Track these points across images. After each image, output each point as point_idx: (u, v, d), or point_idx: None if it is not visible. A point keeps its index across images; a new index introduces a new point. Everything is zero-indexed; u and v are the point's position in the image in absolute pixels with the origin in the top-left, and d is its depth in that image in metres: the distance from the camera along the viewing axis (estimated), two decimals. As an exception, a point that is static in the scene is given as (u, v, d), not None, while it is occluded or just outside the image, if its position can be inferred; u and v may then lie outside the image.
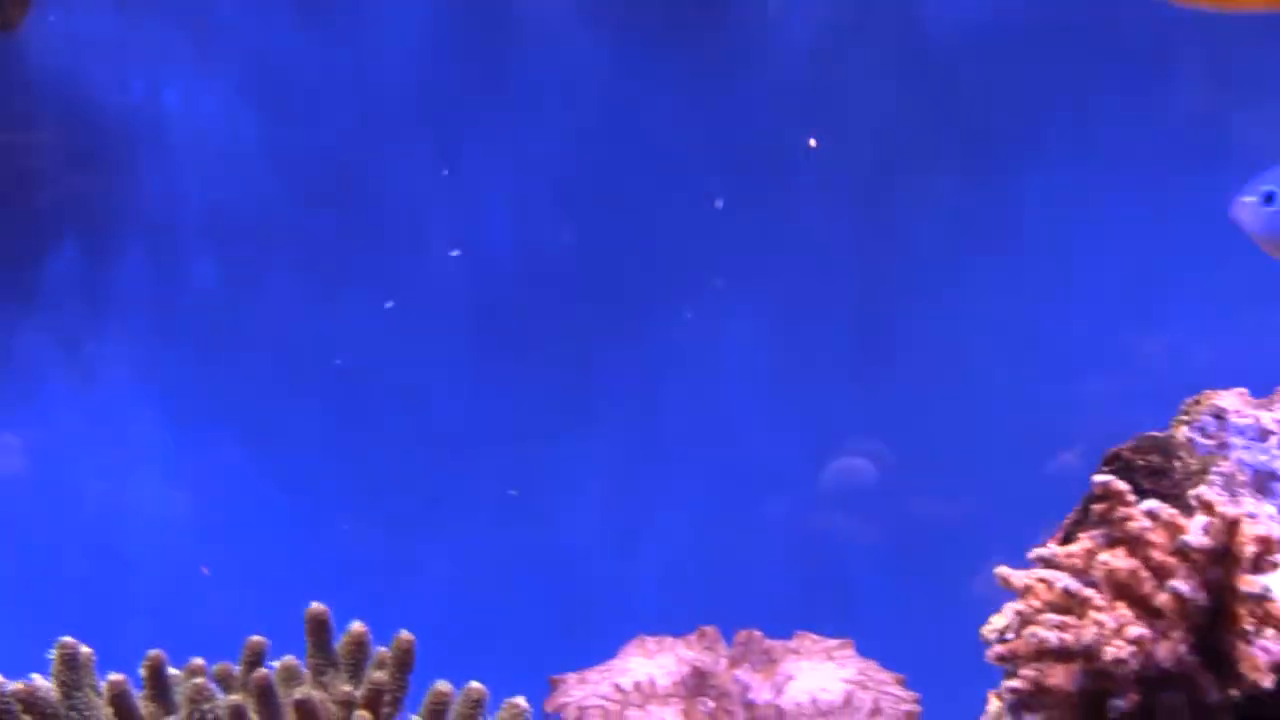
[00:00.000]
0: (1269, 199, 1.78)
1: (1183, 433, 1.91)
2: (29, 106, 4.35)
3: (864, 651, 2.05)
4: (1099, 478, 1.63)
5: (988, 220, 4.05)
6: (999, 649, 1.62)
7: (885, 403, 4.23)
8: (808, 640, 2.01)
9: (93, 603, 4.21)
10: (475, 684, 2.04)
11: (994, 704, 1.94)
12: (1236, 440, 1.89)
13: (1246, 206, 1.89)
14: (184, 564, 4.10)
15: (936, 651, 1.87)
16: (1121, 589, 1.59)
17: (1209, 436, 1.90)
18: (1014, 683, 1.62)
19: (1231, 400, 1.92)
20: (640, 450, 4.29)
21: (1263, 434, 1.89)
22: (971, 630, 1.92)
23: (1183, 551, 1.56)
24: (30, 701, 1.98)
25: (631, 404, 4.25)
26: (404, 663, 2.03)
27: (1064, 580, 1.61)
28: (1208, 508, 1.56)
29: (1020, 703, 1.64)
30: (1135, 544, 1.60)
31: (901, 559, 3.99)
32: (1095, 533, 1.65)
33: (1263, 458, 1.88)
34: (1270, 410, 1.90)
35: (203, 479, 4.24)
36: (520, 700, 2.05)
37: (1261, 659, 1.62)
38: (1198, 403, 1.92)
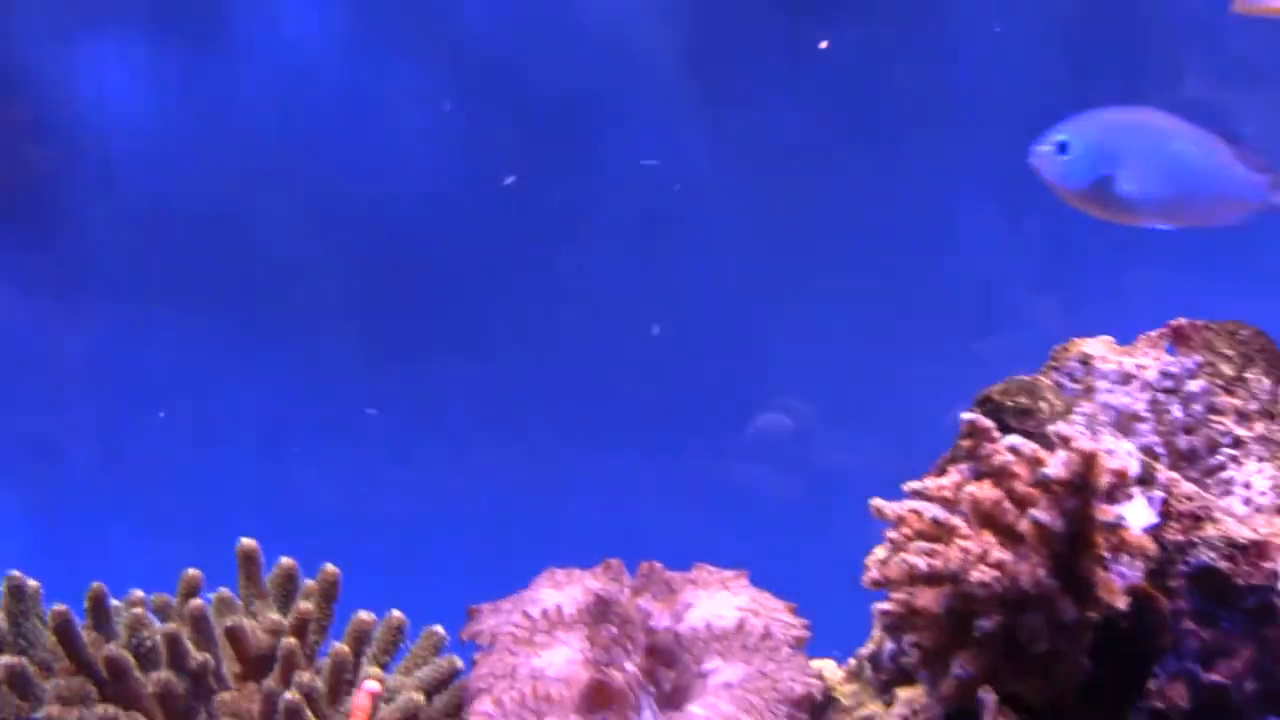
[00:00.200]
0: (1062, 148, 1.79)
1: (1051, 377, 1.93)
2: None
3: (773, 586, 2.05)
4: (965, 415, 1.65)
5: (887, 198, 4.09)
6: (873, 574, 1.64)
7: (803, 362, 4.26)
8: (705, 571, 2.02)
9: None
10: (396, 612, 2.05)
11: (878, 630, 1.96)
12: (1101, 384, 1.91)
13: (1042, 156, 1.90)
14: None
15: (837, 585, 1.88)
16: (986, 518, 1.61)
17: (1076, 381, 1.92)
18: (887, 605, 1.64)
19: (1097, 347, 1.94)
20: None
21: (1125, 378, 1.91)
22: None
23: (1043, 483, 1.58)
24: (-22, 631, 1.98)
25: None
26: (329, 594, 2.04)
27: (933, 510, 1.63)
28: (1066, 442, 1.58)
29: (893, 624, 1.66)
30: (999, 476, 1.62)
31: (810, 503, 4.03)
32: (963, 467, 1.67)
33: (1125, 400, 1.90)
34: (1133, 356, 1.92)
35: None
36: (438, 628, 2.06)
37: (1116, 583, 1.64)
38: (1066, 350, 1.94)
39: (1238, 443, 1.87)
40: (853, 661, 2.02)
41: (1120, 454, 1.76)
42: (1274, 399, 1.90)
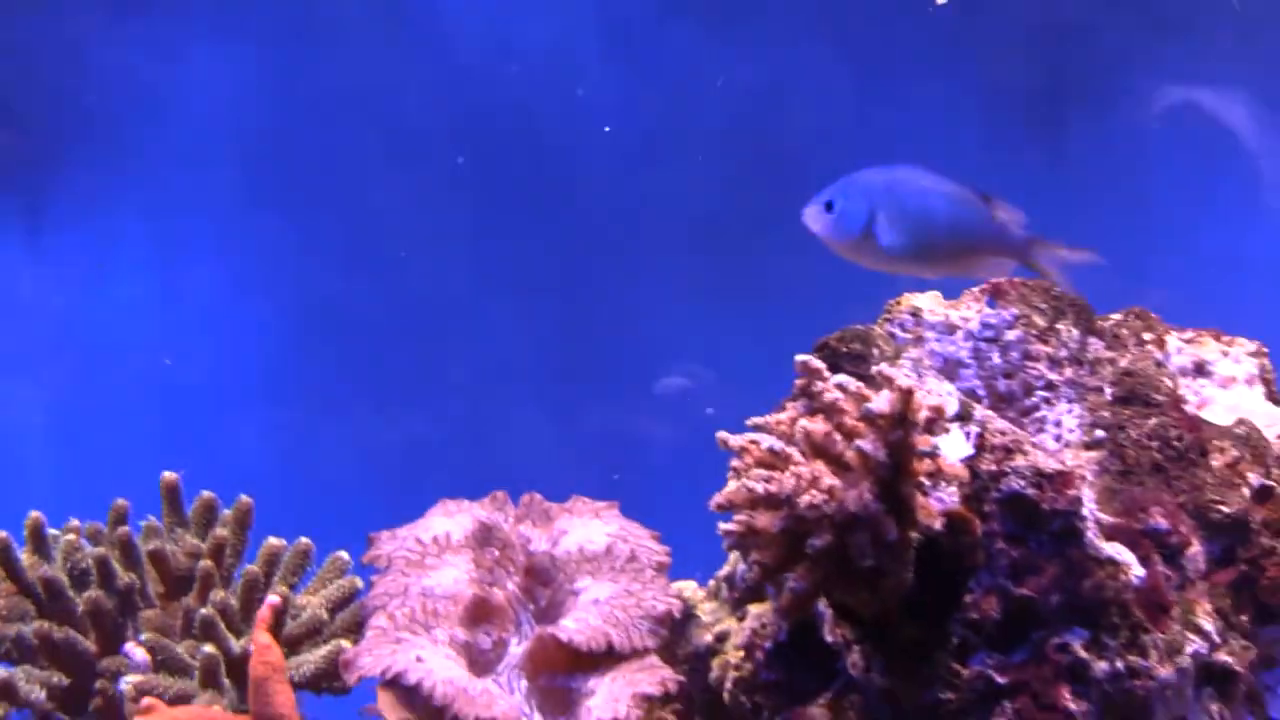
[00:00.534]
0: (829, 206, 1.81)
1: (884, 328, 1.95)
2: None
3: (655, 524, 2.06)
4: (800, 357, 1.66)
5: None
6: (717, 498, 1.66)
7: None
8: (580, 502, 2.04)
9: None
10: (303, 539, 2.06)
11: (733, 554, 1.97)
12: (929, 334, 1.93)
13: (811, 213, 1.91)
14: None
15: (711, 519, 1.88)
16: (818, 448, 1.63)
17: (907, 331, 1.94)
18: (730, 526, 1.66)
19: (926, 301, 1.96)
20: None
21: (950, 328, 1.94)
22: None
23: (868, 417, 1.60)
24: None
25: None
26: (243, 522, 2.06)
27: (770, 441, 1.65)
28: (889, 381, 1.60)
29: (735, 543, 1.67)
30: (830, 411, 1.64)
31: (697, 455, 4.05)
32: (799, 404, 1.68)
33: (951, 348, 1.93)
34: (957, 309, 1.94)
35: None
36: (343, 554, 2.08)
37: (935, 506, 1.67)
38: (899, 303, 1.96)
39: (1050, 386, 1.90)
40: (712, 583, 2.04)
41: (938, 392, 1.78)
42: (1082, 347, 1.93)
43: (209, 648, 1.89)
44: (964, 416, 1.78)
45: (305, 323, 4.66)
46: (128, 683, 1.87)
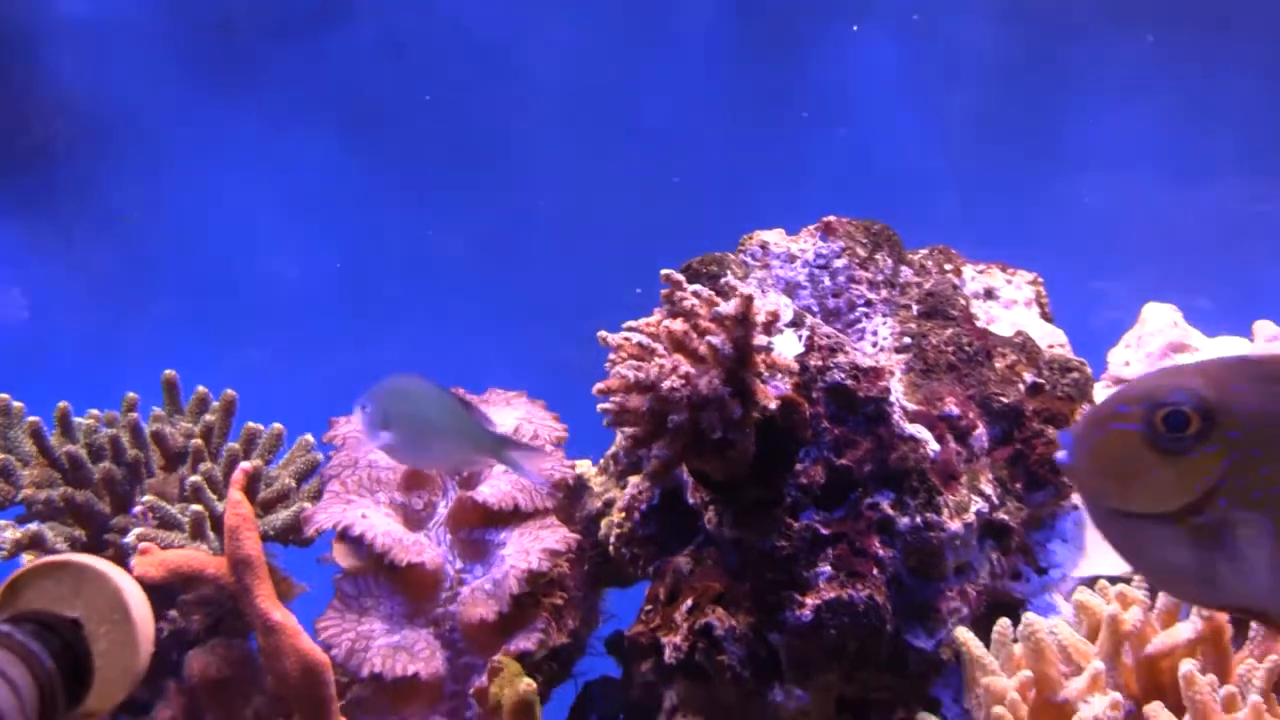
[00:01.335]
0: (364, 407, 1.73)
1: (739, 256, 1.92)
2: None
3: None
4: (664, 271, 1.63)
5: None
6: (599, 385, 1.63)
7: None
8: (495, 393, 2.02)
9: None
10: (277, 424, 2.02)
11: (619, 435, 1.95)
12: (775, 262, 1.91)
13: (357, 415, 1.82)
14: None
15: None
16: (677, 344, 1.61)
17: (757, 260, 1.92)
18: (607, 405, 1.63)
19: (772, 236, 1.94)
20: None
21: (791, 258, 1.91)
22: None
23: (717, 318, 1.57)
24: (-27, 435, 1.94)
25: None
26: (228, 411, 2.02)
27: (639, 337, 1.62)
28: (734, 290, 1.57)
29: (612, 420, 1.64)
30: (687, 315, 1.61)
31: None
32: (664, 309, 1.65)
33: (791, 273, 1.90)
34: (796, 242, 1.92)
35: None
36: (308, 437, 2.04)
37: (771, 391, 1.64)
38: (750, 238, 1.94)
39: (869, 303, 1.88)
40: (602, 460, 2.01)
41: (776, 303, 1.75)
42: (895, 273, 1.91)
43: (197, 507, 1.85)
44: (797, 323, 1.75)
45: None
46: (133, 535, 1.82)
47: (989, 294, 2.00)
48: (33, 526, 1.88)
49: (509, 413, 1.95)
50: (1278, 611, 1.00)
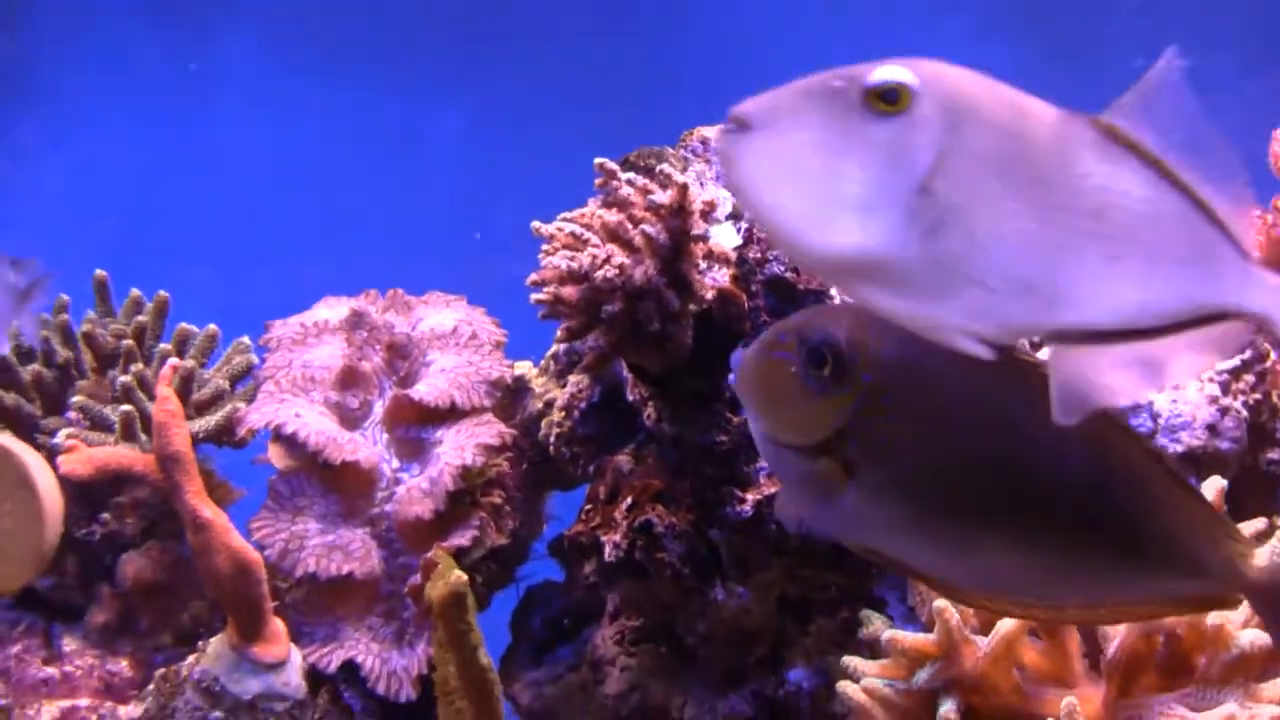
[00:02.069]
0: None
1: (678, 152, 1.88)
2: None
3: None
4: (598, 160, 1.60)
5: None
6: (532, 276, 1.60)
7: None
8: (435, 295, 1.99)
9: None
10: (212, 325, 1.99)
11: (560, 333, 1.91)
12: (716, 157, 1.87)
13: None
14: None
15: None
16: (611, 234, 1.58)
17: (698, 156, 1.87)
18: (540, 296, 1.60)
19: (713, 131, 1.89)
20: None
21: (732, 152, 1.87)
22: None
23: (653, 206, 1.54)
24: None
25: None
26: (161, 312, 1.99)
27: (572, 227, 1.58)
28: (668, 178, 1.54)
29: (547, 312, 1.61)
30: (622, 204, 1.58)
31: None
32: (598, 199, 1.62)
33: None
34: (738, 137, 1.87)
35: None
36: (245, 339, 2.01)
37: (708, 283, 1.61)
38: (691, 133, 1.89)
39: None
40: (543, 361, 1.98)
41: (712, 192, 1.72)
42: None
43: (127, 407, 1.81)
44: (735, 215, 1.73)
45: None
46: (61, 434, 1.79)
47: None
48: (-38, 430, 1.84)
49: (448, 314, 1.92)
50: (889, 557, 1.00)
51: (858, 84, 0.85)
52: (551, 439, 1.85)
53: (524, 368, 1.97)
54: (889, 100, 0.85)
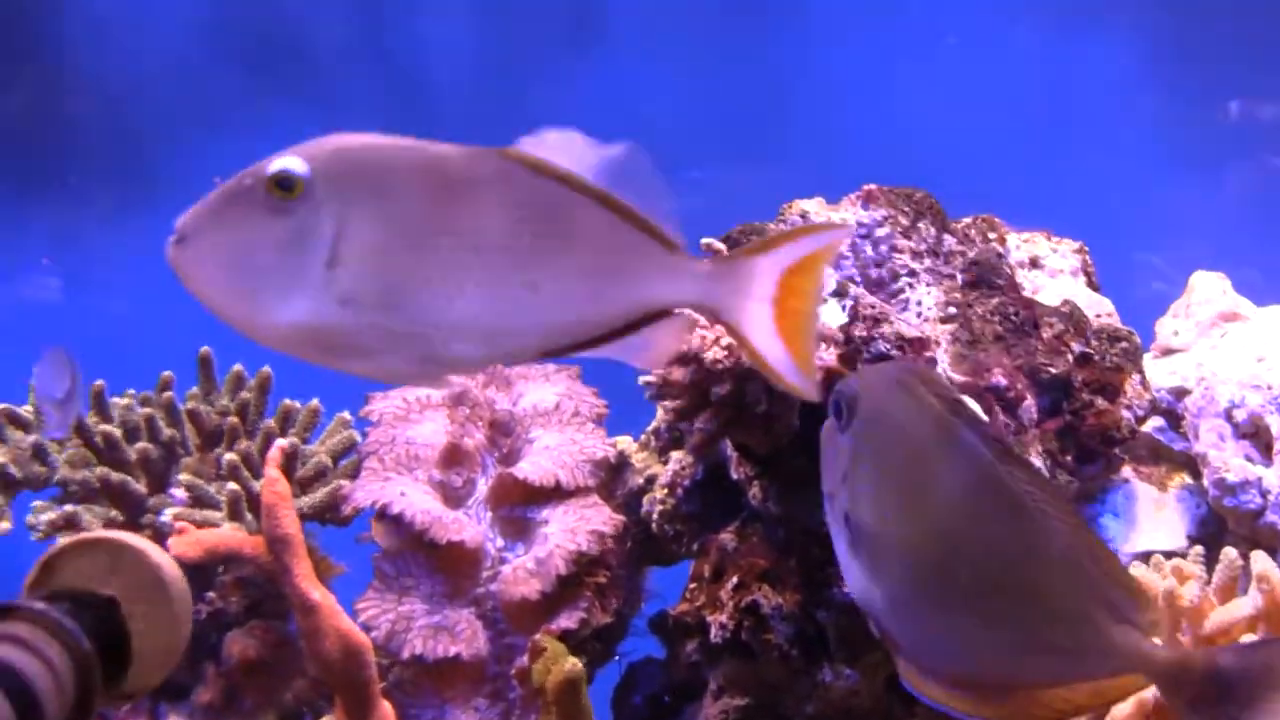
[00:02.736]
0: None
1: (778, 225, 1.87)
2: None
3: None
4: (705, 240, 1.60)
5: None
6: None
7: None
8: (535, 369, 1.97)
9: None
10: (314, 401, 2.00)
11: (660, 410, 1.91)
12: (817, 232, 1.86)
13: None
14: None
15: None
16: (721, 315, 1.56)
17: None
18: (649, 378, 1.59)
19: (812, 205, 1.88)
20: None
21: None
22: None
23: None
24: (11, 415, 1.92)
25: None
26: (264, 388, 2.00)
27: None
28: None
29: (655, 393, 1.61)
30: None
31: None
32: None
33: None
34: (838, 211, 1.87)
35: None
36: (345, 414, 2.01)
37: (817, 363, 1.59)
38: (790, 206, 1.88)
39: (912, 273, 1.83)
40: (643, 436, 1.98)
41: (819, 272, 1.71)
42: (938, 242, 1.86)
43: (233, 486, 1.82)
44: (840, 293, 1.71)
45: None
46: (168, 514, 1.80)
47: (1034, 263, 1.95)
48: (69, 507, 1.86)
49: (549, 389, 1.92)
50: (876, 618, 1.04)
51: (259, 177, 0.92)
52: (654, 516, 1.84)
53: (625, 443, 1.97)
54: (285, 188, 0.91)
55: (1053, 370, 1.79)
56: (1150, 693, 1.39)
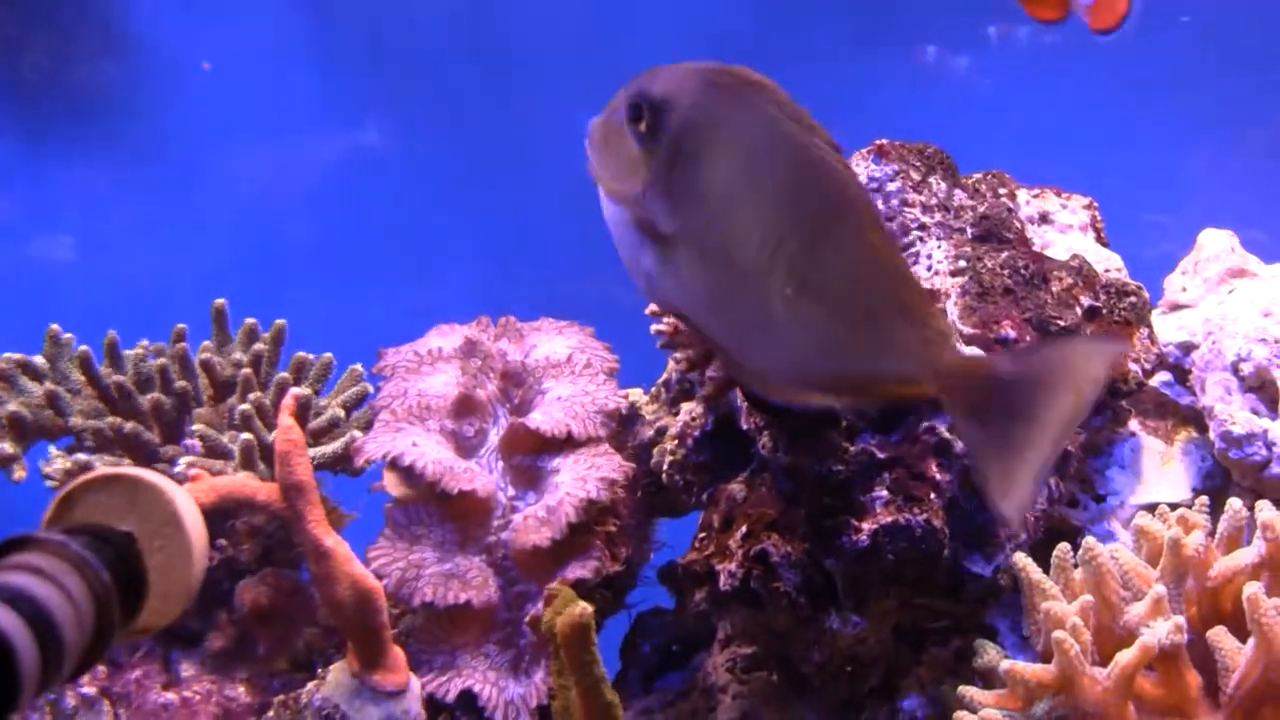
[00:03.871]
0: None
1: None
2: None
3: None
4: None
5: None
6: (651, 306, 1.59)
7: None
8: (547, 322, 1.98)
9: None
10: (327, 354, 2.00)
11: (670, 362, 1.91)
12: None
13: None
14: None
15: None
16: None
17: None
18: (660, 326, 1.60)
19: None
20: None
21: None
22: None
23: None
24: (26, 365, 1.92)
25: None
26: (278, 340, 2.00)
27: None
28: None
29: (666, 342, 1.61)
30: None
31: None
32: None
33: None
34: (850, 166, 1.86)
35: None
36: (358, 366, 2.02)
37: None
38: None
39: (923, 227, 1.83)
40: (654, 389, 1.98)
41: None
42: (949, 197, 1.86)
43: (246, 435, 1.83)
44: (851, 246, 1.70)
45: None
46: (182, 462, 1.81)
47: (1044, 218, 1.95)
48: (82, 456, 1.87)
49: (561, 341, 1.92)
50: (694, 318, 1.06)
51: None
52: (665, 467, 1.85)
53: (635, 394, 1.97)
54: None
55: (1061, 323, 1.79)
56: (1154, 638, 1.40)
